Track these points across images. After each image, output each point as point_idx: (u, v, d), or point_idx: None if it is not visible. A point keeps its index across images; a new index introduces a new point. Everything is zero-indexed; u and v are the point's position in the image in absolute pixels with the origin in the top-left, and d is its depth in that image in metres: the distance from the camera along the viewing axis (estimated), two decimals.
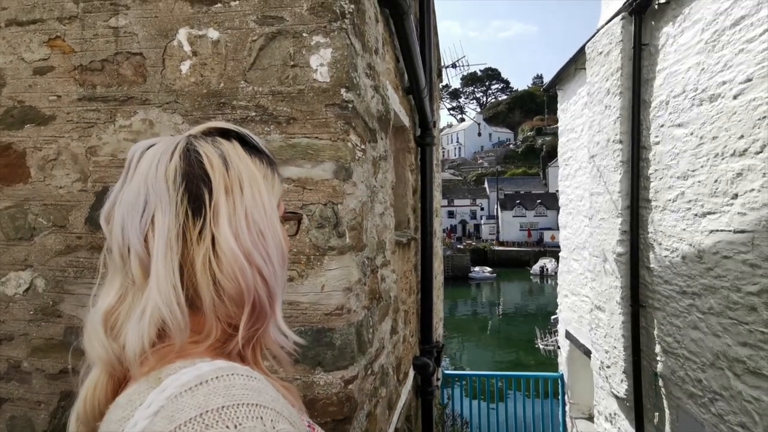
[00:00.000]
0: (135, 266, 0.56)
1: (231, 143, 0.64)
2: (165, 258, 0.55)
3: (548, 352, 12.75)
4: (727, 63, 3.09)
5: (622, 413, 4.65)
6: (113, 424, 0.51)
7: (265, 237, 0.61)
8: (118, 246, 0.58)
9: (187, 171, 0.59)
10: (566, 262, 6.71)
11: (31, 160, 1.86)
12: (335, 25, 1.68)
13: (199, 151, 0.61)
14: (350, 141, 1.70)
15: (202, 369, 0.50)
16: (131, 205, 0.58)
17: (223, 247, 0.57)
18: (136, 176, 0.59)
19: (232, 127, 0.67)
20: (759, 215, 2.80)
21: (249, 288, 0.58)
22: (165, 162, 0.59)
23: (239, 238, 0.58)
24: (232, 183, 0.60)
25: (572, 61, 5.98)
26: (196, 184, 0.58)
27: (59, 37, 1.84)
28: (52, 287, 1.83)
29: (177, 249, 0.56)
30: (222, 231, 0.57)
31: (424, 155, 3.66)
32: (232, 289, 0.57)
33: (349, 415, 1.68)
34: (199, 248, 0.56)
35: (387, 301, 2.47)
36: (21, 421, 1.82)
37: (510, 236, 44.47)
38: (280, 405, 0.51)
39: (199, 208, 0.58)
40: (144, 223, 0.57)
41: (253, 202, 0.61)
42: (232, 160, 0.62)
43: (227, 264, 0.57)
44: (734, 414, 3.03)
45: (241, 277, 0.57)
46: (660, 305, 3.96)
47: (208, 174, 0.59)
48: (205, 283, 0.56)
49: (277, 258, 0.63)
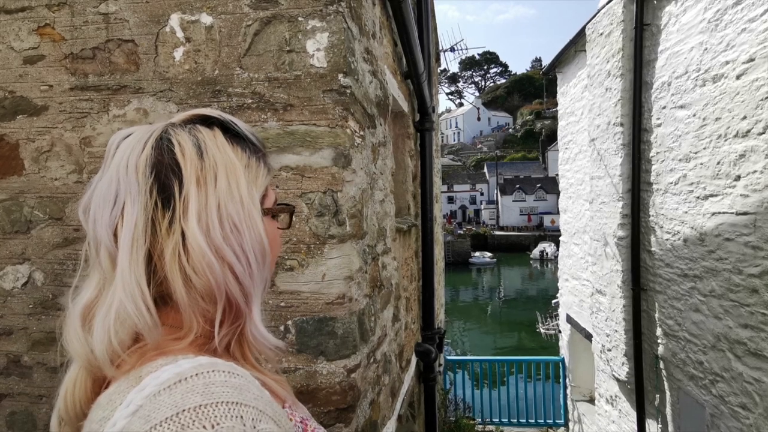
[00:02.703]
0: (104, 260, 0.55)
1: (212, 131, 0.61)
2: (130, 252, 0.53)
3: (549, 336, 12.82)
4: (730, 42, 3.04)
5: (623, 396, 4.69)
6: (94, 424, 0.49)
7: (240, 232, 0.58)
8: (92, 239, 0.57)
9: (158, 161, 0.56)
10: (567, 246, 6.70)
11: (25, 152, 1.83)
12: (331, 9, 1.63)
13: (171, 139, 0.58)
14: (349, 127, 1.67)
15: (182, 366, 0.48)
16: (103, 198, 0.56)
17: (191, 243, 0.54)
18: (111, 168, 0.58)
19: (216, 114, 0.63)
20: (761, 197, 2.78)
21: (219, 285, 0.55)
22: (137, 152, 0.56)
23: (209, 234, 0.55)
24: (206, 173, 0.57)
25: (572, 43, 5.90)
26: (165, 174, 0.56)
27: (49, 24, 1.80)
28: (51, 280, 1.82)
29: (144, 241, 0.54)
30: (190, 225, 0.54)
31: (423, 141, 3.62)
32: (201, 285, 0.54)
33: (353, 404, 1.68)
34: (169, 241, 0.54)
35: (388, 288, 2.46)
36: (22, 416, 1.82)
37: (510, 221, 44.50)
38: (263, 403, 0.48)
39: (168, 200, 0.55)
40: (114, 216, 0.55)
41: (228, 193, 0.58)
42: (208, 149, 0.59)
43: (196, 259, 0.54)
44: (735, 395, 3.05)
45: (210, 274, 0.54)
46: (661, 288, 3.96)
47: (179, 163, 0.56)
48: (175, 277, 0.54)
49: (253, 254, 0.59)
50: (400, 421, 2.79)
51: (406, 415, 3.12)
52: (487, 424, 6.67)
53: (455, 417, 6.25)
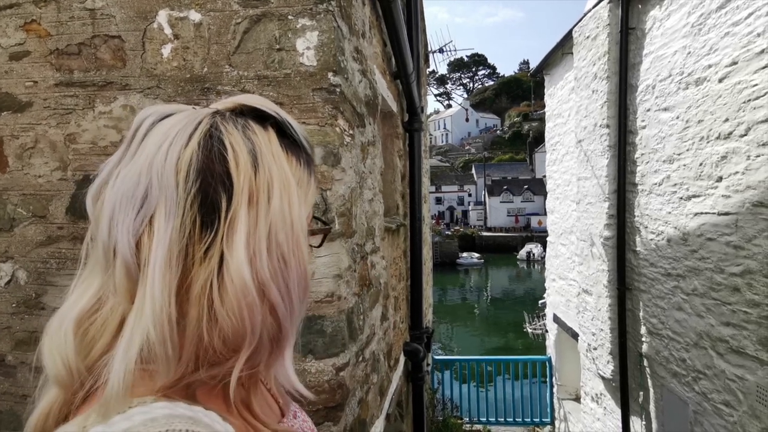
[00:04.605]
0: (120, 275, 0.45)
1: (266, 132, 0.51)
2: (163, 279, 0.43)
3: (536, 335, 12.94)
4: (713, 46, 3.10)
5: (608, 393, 4.75)
6: None
7: (287, 264, 0.48)
8: (103, 242, 0.46)
9: (205, 166, 0.45)
10: (554, 246, 6.77)
11: (9, 149, 1.80)
12: (321, 8, 1.64)
13: (224, 140, 0.47)
14: (338, 126, 1.68)
15: (132, 420, 0.39)
16: (126, 195, 0.45)
17: (233, 275, 0.44)
18: (140, 156, 0.46)
19: (272, 111, 0.53)
20: (743, 197, 2.84)
21: (254, 330, 0.45)
22: (179, 146, 0.46)
23: (255, 265, 0.45)
24: (259, 190, 0.47)
25: (559, 46, 5.97)
26: (213, 187, 0.45)
27: (35, 20, 1.77)
28: (34, 279, 1.79)
29: (178, 268, 0.44)
30: (235, 253, 0.44)
31: (412, 141, 3.63)
32: (230, 328, 0.44)
33: (341, 402, 1.68)
34: (200, 270, 0.44)
35: (377, 287, 2.46)
36: (7, 416, 1.78)
37: (497, 222, 44.79)
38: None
39: (211, 219, 0.45)
40: (139, 222, 0.44)
41: (281, 217, 0.48)
42: (264, 159, 0.49)
43: (233, 296, 0.44)
44: (718, 392, 3.10)
45: (248, 317, 0.45)
46: (645, 287, 4.02)
47: (230, 175, 0.46)
48: (197, 314, 0.44)
49: (297, 292, 0.50)
50: (389, 420, 2.80)
51: (395, 414, 3.13)
52: (474, 423, 6.70)
53: (443, 416, 6.27)
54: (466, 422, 6.64)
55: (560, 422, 6.60)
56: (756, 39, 2.72)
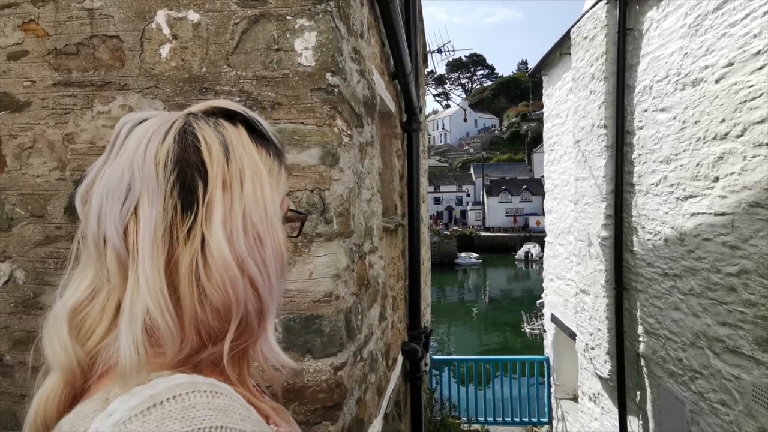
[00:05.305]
0: (111, 261, 0.49)
1: (236, 128, 0.56)
2: (151, 258, 0.47)
3: (534, 335, 12.96)
4: (710, 47, 3.11)
5: (606, 393, 4.76)
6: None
7: (263, 243, 0.53)
8: (93, 235, 0.50)
9: (181, 157, 0.50)
10: (552, 246, 6.79)
11: (7, 149, 1.80)
12: (319, 8, 1.64)
13: (197, 134, 0.52)
14: (336, 126, 1.68)
15: (156, 387, 0.43)
16: (112, 190, 0.49)
17: (214, 252, 0.49)
18: (122, 155, 0.51)
19: (240, 109, 0.58)
20: (739, 198, 2.86)
21: (239, 301, 0.50)
22: (156, 142, 0.51)
23: (233, 243, 0.50)
24: (232, 176, 0.52)
25: (557, 47, 5.98)
26: (190, 174, 0.50)
27: (33, 20, 1.78)
28: (32, 279, 1.79)
29: (164, 248, 0.48)
30: (214, 233, 0.49)
31: (410, 141, 3.64)
32: (218, 300, 0.49)
33: (339, 402, 1.69)
34: (185, 249, 0.49)
35: (375, 287, 2.47)
36: (5, 415, 1.79)
37: (496, 222, 44.81)
38: (251, 425, 0.44)
39: (190, 203, 0.50)
40: (125, 212, 0.49)
41: (253, 200, 0.53)
42: (235, 149, 0.54)
43: (216, 271, 0.49)
44: (714, 392, 3.12)
45: (231, 288, 0.50)
46: (643, 287, 4.03)
47: (204, 163, 0.51)
48: (189, 290, 0.48)
49: (274, 268, 0.54)
50: (387, 420, 2.81)
51: (393, 414, 3.13)
52: (472, 423, 6.71)
53: (441, 416, 6.28)
54: (464, 422, 6.65)
55: (558, 422, 6.61)
56: (752, 40, 2.73)
